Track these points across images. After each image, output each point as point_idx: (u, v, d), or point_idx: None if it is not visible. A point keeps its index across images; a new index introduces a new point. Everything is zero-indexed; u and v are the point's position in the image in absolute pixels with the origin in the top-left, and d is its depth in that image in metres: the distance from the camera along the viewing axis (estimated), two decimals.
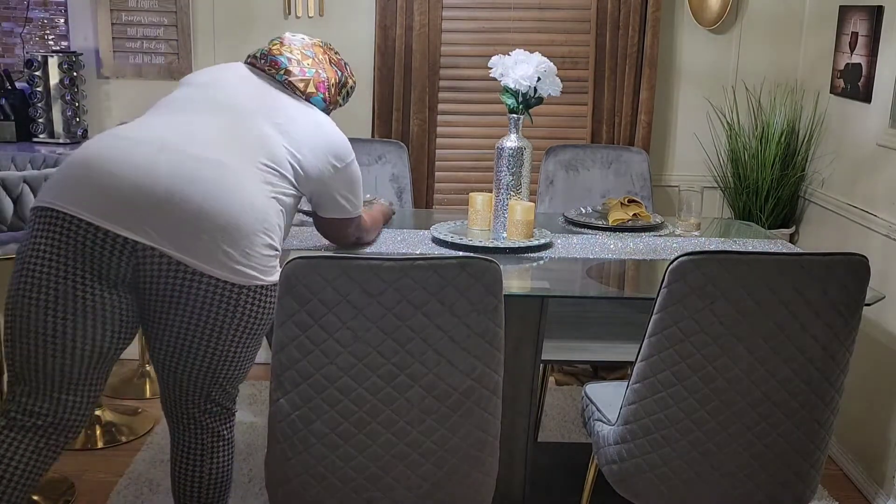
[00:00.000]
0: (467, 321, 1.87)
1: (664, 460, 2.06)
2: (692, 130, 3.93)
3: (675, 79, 3.88)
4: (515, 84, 2.70)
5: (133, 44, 3.80)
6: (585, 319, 3.04)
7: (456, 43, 3.80)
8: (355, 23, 3.78)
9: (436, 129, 3.82)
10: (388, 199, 3.37)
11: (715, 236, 3.09)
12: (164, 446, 3.23)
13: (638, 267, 2.69)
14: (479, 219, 2.84)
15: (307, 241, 2.80)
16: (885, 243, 3.02)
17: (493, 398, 1.96)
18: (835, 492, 3.08)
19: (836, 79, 3.45)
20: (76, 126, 3.48)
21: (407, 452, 1.92)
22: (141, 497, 2.89)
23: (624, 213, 3.09)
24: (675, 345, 1.98)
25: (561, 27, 3.81)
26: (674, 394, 2.01)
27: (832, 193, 3.48)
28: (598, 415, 2.29)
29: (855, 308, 1.99)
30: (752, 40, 3.84)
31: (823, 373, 2.01)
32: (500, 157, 2.78)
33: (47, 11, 3.92)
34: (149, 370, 3.85)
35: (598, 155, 3.63)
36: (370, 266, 1.81)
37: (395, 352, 1.86)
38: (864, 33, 3.23)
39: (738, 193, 3.79)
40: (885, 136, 3.05)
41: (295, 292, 1.82)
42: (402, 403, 1.89)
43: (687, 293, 1.94)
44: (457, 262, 1.84)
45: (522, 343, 2.53)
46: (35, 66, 3.40)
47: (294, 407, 1.88)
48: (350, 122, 3.86)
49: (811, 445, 2.07)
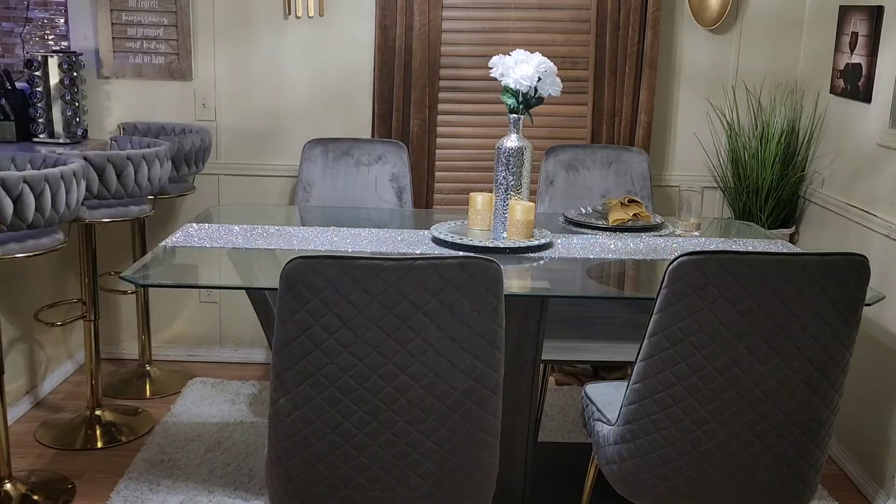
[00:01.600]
0: (467, 321, 1.87)
1: (664, 460, 2.06)
2: (692, 130, 3.93)
3: (675, 79, 3.88)
4: (515, 84, 2.70)
5: (133, 44, 3.80)
6: (585, 319, 3.04)
7: (456, 43, 3.80)
8: (355, 23, 3.78)
9: (436, 129, 3.82)
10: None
11: (715, 236, 3.09)
12: (164, 446, 3.23)
13: (638, 267, 2.69)
14: (479, 219, 2.84)
15: (307, 241, 2.80)
16: (885, 243, 3.02)
17: (494, 398, 1.96)
18: (835, 492, 3.08)
19: (836, 79, 3.45)
20: (76, 126, 3.48)
21: (407, 452, 1.92)
22: (141, 497, 2.89)
23: (624, 213, 3.09)
24: (675, 345, 1.98)
25: (561, 27, 3.81)
26: (674, 394, 2.01)
27: (832, 193, 3.48)
28: (598, 415, 2.29)
29: (855, 308, 1.99)
30: (752, 40, 3.84)
31: (823, 373, 2.01)
32: (500, 157, 2.78)
33: (47, 11, 3.92)
34: (149, 370, 3.86)
35: (598, 155, 3.64)
36: (370, 266, 1.81)
37: (395, 352, 1.86)
38: (864, 33, 3.23)
39: (738, 193, 3.79)
40: (885, 136, 3.05)
41: (295, 292, 1.82)
42: (403, 403, 1.89)
43: (687, 293, 1.94)
44: (457, 262, 1.84)
45: (522, 343, 2.53)
46: (35, 66, 3.40)
47: (294, 407, 1.88)
48: (350, 122, 3.87)
49: (811, 445, 2.07)
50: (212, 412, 3.53)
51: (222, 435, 3.33)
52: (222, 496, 2.90)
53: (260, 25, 3.79)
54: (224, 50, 3.81)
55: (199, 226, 2.96)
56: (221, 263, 2.65)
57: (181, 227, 2.95)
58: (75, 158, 2.83)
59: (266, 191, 3.94)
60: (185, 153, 3.44)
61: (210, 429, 3.38)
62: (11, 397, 3.37)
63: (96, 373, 3.35)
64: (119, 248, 3.91)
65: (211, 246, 2.73)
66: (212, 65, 3.82)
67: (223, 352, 4.11)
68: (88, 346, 3.33)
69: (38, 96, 3.41)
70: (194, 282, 2.73)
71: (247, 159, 3.91)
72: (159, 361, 4.00)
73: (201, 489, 2.94)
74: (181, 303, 4.07)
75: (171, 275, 2.58)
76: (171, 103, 3.85)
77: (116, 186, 2.98)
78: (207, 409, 3.56)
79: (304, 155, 3.62)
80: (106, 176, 2.95)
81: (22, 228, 2.56)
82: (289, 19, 3.79)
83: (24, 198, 2.49)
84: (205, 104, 3.85)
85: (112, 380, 3.80)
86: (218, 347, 4.11)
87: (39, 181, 2.53)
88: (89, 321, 3.31)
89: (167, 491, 2.92)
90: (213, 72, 3.82)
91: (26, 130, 3.46)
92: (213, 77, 3.83)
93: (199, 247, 2.73)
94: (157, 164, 3.09)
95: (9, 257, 2.64)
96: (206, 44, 3.81)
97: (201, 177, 3.88)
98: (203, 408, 3.57)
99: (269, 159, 3.91)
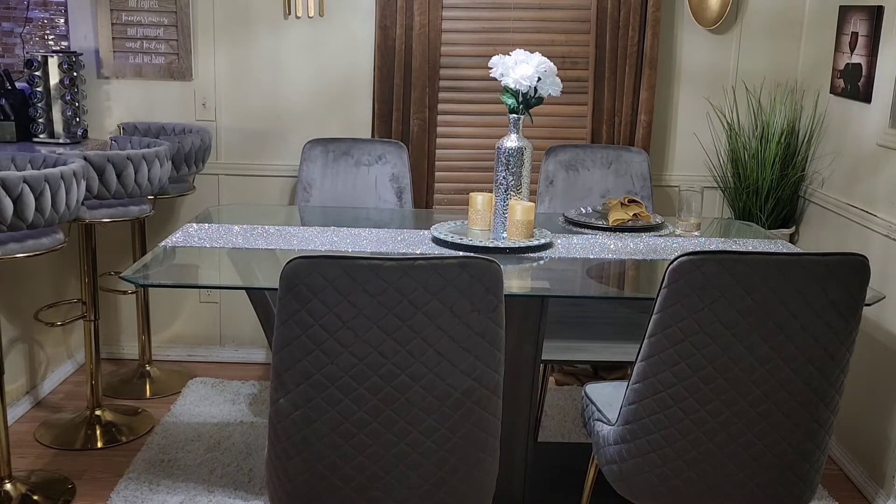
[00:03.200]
0: (467, 321, 1.87)
1: (664, 460, 2.06)
2: (692, 130, 3.93)
3: (675, 79, 3.88)
4: (515, 84, 2.70)
5: (133, 44, 3.80)
6: (585, 319, 3.04)
7: (456, 43, 3.80)
8: (355, 23, 3.78)
9: (436, 129, 3.82)
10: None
11: (715, 236, 3.09)
12: (164, 446, 3.23)
13: (638, 267, 2.69)
14: (479, 219, 2.84)
15: (307, 241, 2.80)
16: (885, 243, 3.02)
17: (493, 398, 1.96)
18: (835, 492, 3.08)
19: (836, 79, 3.45)
20: (76, 126, 3.48)
21: (407, 452, 1.92)
22: (141, 497, 2.89)
23: (624, 213, 3.09)
24: (675, 345, 1.98)
25: (561, 27, 3.81)
26: (674, 394, 2.01)
27: (832, 193, 3.48)
28: (598, 415, 2.29)
29: (855, 308, 1.99)
30: (752, 40, 3.84)
31: (823, 373, 2.01)
32: (500, 157, 2.78)
33: (47, 11, 3.92)
34: (149, 370, 3.86)
35: (598, 155, 3.64)
36: (371, 266, 1.81)
37: (395, 352, 1.86)
38: (864, 33, 3.23)
39: (738, 193, 3.79)
40: (885, 136, 3.05)
41: (296, 292, 1.82)
42: (403, 403, 1.89)
43: (687, 293, 1.94)
44: (457, 262, 1.84)
45: (522, 343, 2.53)
46: (35, 66, 3.40)
47: (295, 407, 1.88)
48: (350, 122, 3.87)
49: (811, 445, 2.07)
50: (212, 412, 3.53)
51: (222, 435, 3.33)
52: (222, 496, 2.90)
53: (260, 25, 3.79)
54: (224, 50, 3.81)
55: (199, 226, 2.96)
56: (221, 263, 2.65)
57: (181, 227, 2.95)
58: (75, 158, 2.83)
59: (266, 191, 3.94)
60: (185, 153, 3.44)
61: (210, 429, 3.38)
62: (11, 397, 3.37)
63: (96, 373, 3.35)
64: (119, 248, 3.91)
65: (211, 246, 2.73)
66: (212, 65, 3.82)
67: (223, 352, 4.11)
68: (88, 346, 3.33)
69: (38, 96, 3.41)
70: (194, 282, 2.73)
71: (247, 159, 3.91)
72: (159, 361, 4.00)
73: (201, 489, 2.94)
74: (181, 303, 4.07)
75: (171, 275, 2.58)
76: (171, 103, 3.85)
77: (116, 186, 2.98)
78: (207, 409, 3.56)
79: (304, 155, 3.62)
80: (106, 176, 2.95)
81: (22, 228, 2.56)
82: (289, 19, 3.79)
83: (24, 198, 2.49)
84: (205, 104, 3.85)
85: (112, 380, 3.80)
86: (218, 347, 4.11)
87: (39, 181, 2.53)
88: (89, 321, 3.31)
89: (167, 491, 2.92)
90: (213, 72, 3.82)
91: (26, 130, 3.46)
92: (213, 77, 3.83)
93: (199, 247, 2.73)
94: (157, 164, 3.09)
95: (9, 257, 2.64)
96: (206, 44, 3.81)
97: (201, 177, 3.88)
98: (203, 408, 3.57)
99: (269, 159, 3.91)
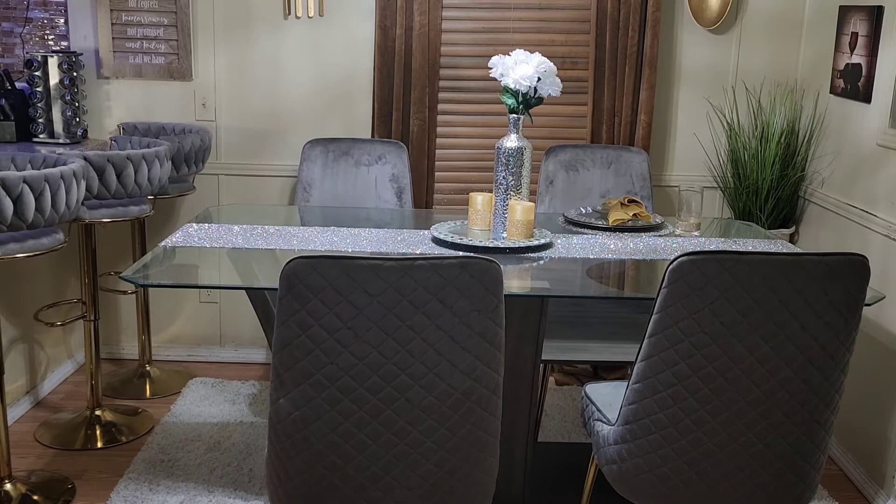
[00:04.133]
0: (467, 321, 1.87)
1: (664, 460, 2.06)
2: (692, 130, 3.93)
3: (675, 79, 3.88)
4: (515, 84, 2.70)
5: (133, 44, 3.80)
6: (585, 319, 3.04)
7: (456, 43, 3.80)
8: (355, 23, 3.78)
9: (436, 129, 3.82)
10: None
11: (715, 236, 3.09)
12: (164, 446, 3.23)
13: (638, 267, 2.69)
14: (479, 219, 2.84)
15: (307, 241, 2.80)
16: (885, 243, 3.02)
17: (493, 398, 1.96)
18: (835, 492, 3.08)
19: (836, 79, 3.45)
20: (76, 126, 3.48)
21: (407, 452, 1.92)
22: (141, 497, 2.89)
23: (624, 213, 3.09)
24: (675, 345, 1.98)
25: (561, 27, 3.81)
26: (674, 394, 2.01)
27: (832, 193, 3.48)
28: (598, 415, 2.29)
29: (855, 308, 1.99)
30: (752, 40, 3.84)
31: (823, 373, 2.01)
32: (499, 157, 2.78)
33: (47, 11, 3.92)
34: (149, 370, 3.86)
35: (598, 155, 3.64)
36: (370, 266, 1.81)
37: (395, 352, 1.86)
38: (864, 33, 3.23)
39: (738, 193, 3.79)
40: (885, 136, 3.05)
41: (295, 292, 1.82)
42: (403, 403, 1.89)
43: (687, 293, 1.94)
44: (457, 262, 1.84)
45: (522, 343, 2.53)
46: (35, 66, 3.40)
47: (295, 407, 1.88)
48: (350, 122, 3.87)
49: (811, 445, 2.07)
50: (212, 412, 3.53)
51: (222, 435, 3.33)
52: (222, 496, 2.90)
53: (260, 25, 3.79)
54: (224, 50, 3.81)
55: (198, 226, 2.96)
56: (221, 263, 2.65)
57: (181, 227, 2.95)
58: (75, 158, 2.83)
59: (266, 191, 3.94)
60: (185, 153, 3.44)
61: (210, 429, 3.38)
62: (11, 397, 3.37)
63: (96, 373, 3.35)
64: (119, 248, 3.91)
65: (211, 246, 2.73)
66: (212, 65, 3.82)
67: (223, 352, 4.11)
68: (88, 346, 3.33)
69: (38, 96, 3.41)
70: (194, 282, 2.73)
71: (247, 159, 3.91)
72: (159, 361, 4.00)
73: (201, 489, 2.94)
74: (181, 303, 4.07)
75: (171, 275, 2.58)
76: (171, 103, 3.85)
77: (116, 186, 2.98)
78: (207, 409, 3.56)
79: (304, 155, 3.62)
80: (106, 176, 2.95)
81: (22, 228, 2.56)
82: (289, 19, 3.79)
83: (24, 198, 2.49)
84: (205, 104, 3.85)
85: (112, 380, 3.80)
86: (218, 347, 4.11)
87: (39, 181, 2.53)
88: (89, 321, 3.31)
89: (167, 491, 2.92)
90: (213, 72, 3.82)
91: (26, 130, 3.46)
92: (213, 77, 3.83)
93: (199, 247, 2.73)
94: (157, 164, 3.09)
95: (9, 257, 2.64)
96: (206, 44, 3.81)
97: (201, 177, 3.88)
98: (203, 408, 3.57)
99: (269, 159, 3.91)
